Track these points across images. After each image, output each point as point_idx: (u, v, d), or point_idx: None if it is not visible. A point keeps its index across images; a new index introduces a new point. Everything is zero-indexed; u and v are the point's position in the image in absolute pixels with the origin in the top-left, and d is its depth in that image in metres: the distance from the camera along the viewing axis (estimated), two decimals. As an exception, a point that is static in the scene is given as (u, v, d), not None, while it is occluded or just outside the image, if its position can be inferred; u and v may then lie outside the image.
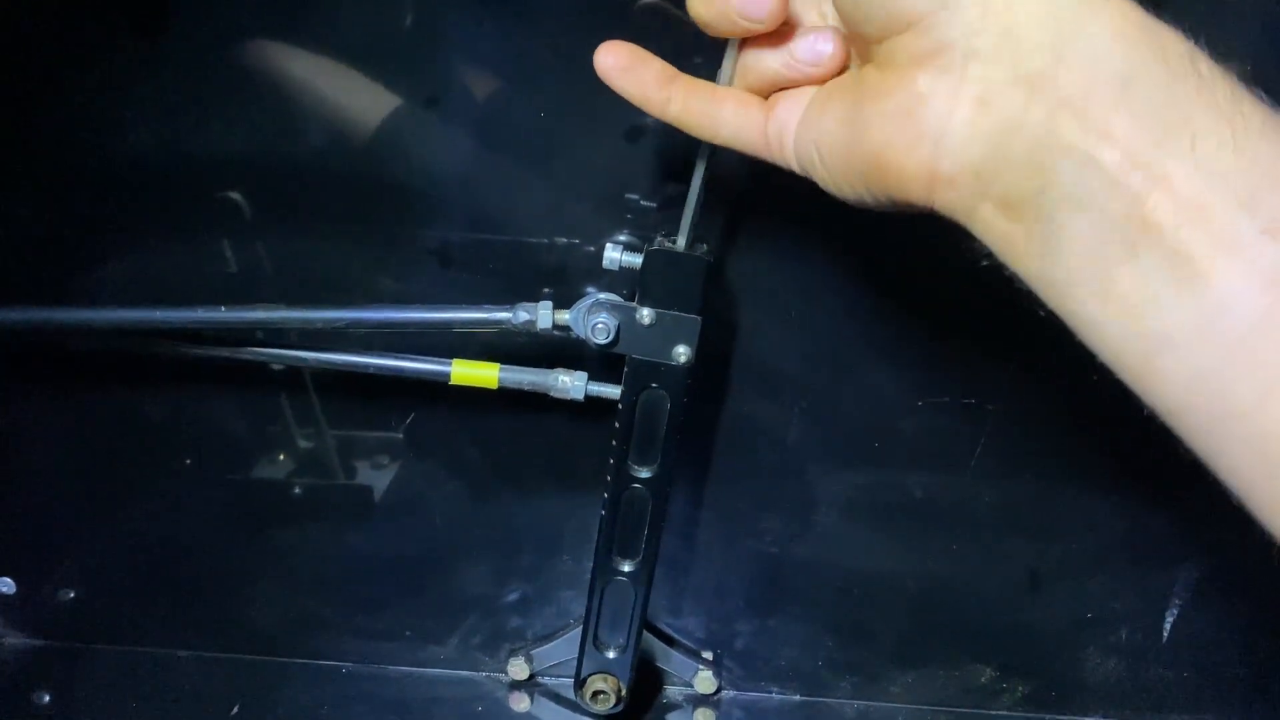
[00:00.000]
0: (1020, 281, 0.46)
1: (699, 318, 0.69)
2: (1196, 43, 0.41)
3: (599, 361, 0.76)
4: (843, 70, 0.50)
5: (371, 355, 0.76)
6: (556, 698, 0.95)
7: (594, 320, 0.69)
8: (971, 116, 0.42)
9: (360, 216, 0.76)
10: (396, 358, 0.76)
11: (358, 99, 0.71)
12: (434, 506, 0.90)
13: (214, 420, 0.85)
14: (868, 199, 0.50)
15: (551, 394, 0.75)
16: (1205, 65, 0.40)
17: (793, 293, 0.78)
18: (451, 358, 0.75)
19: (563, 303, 0.70)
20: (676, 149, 0.71)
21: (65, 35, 0.68)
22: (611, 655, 0.86)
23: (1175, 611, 0.89)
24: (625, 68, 0.55)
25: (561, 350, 0.79)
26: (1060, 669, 0.93)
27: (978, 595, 0.90)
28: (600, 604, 0.83)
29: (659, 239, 0.68)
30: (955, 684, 0.95)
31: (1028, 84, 0.40)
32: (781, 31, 0.51)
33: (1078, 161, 0.40)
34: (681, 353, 0.70)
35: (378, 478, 0.89)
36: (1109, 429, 0.81)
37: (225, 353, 0.76)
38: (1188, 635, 0.90)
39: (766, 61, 0.52)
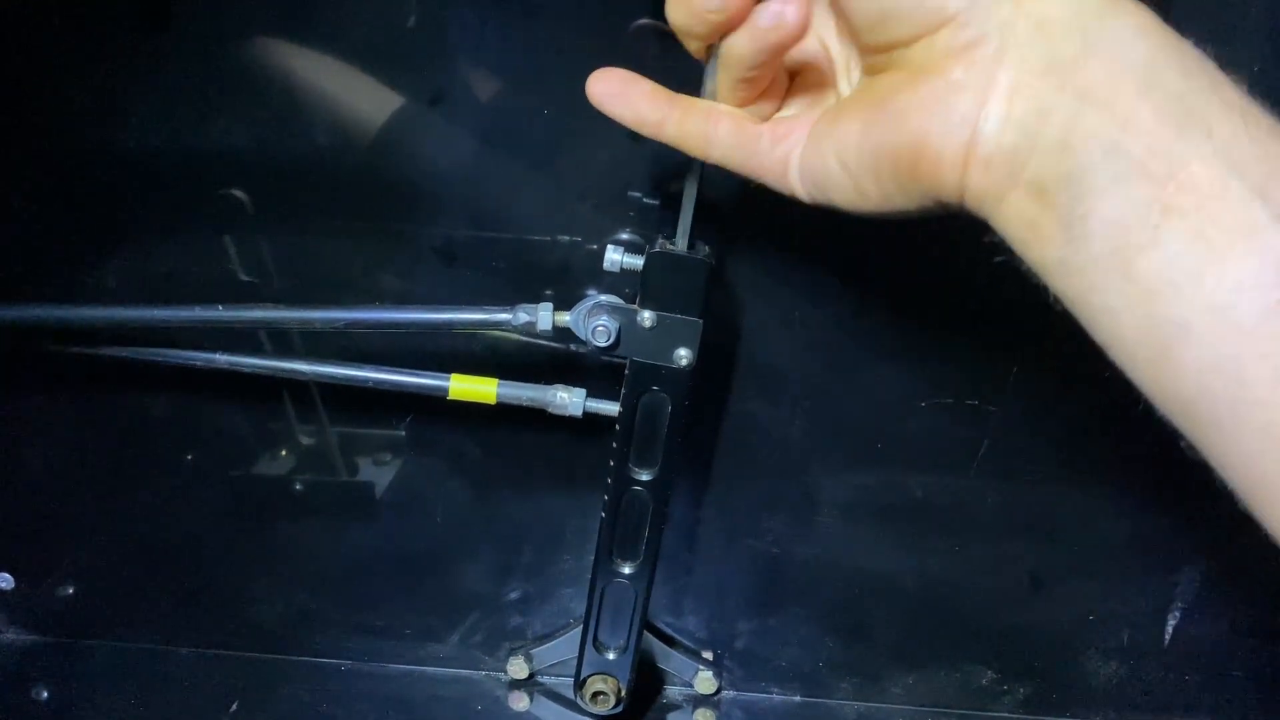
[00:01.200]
0: (1032, 277, 0.48)
1: (700, 320, 0.68)
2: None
3: (599, 370, 0.77)
4: (803, 36, 0.50)
5: (369, 368, 0.75)
6: (556, 697, 0.94)
7: (594, 323, 0.69)
8: (1006, 104, 0.44)
9: (363, 214, 0.76)
10: (395, 371, 0.75)
11: (361, 96, 0.71)
12: (435, 504, 0.89)
13: (215, 416, 0.85)
14: (897, 198, 0.50)
15: (550, 410, 0.75)
16: (1215, 66, 0.42)
17: (794, 294, 0.77)
18: (451, 371, 0.75)
19: (566, 303, 0.70)
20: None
21: (68, 29, 0.68)
22: (611, 656, 0.85)
23: (1177, 613, 0.89)
24: (617, 94, 0.55)
25: (564, 355, 0.79)
26: (1061, 671, 0.93)
27: (979, 596, 0.90)
28: (600, 605, 0.83)
29: (660, 240, 0.68)
30: (956, 685, 0.95)
31: (1058, 73, 0.42)
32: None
33: (1105, 147, 0.41)
34: (683, 355, 0.69)
35: (379, 474, 0.88)
36: (1112, 430, 0.81)
37: (225, 363, 0.75)
38: (1190, 637, 0.90)
39: (738, 50, 0.52)
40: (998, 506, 0.85)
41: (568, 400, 0.75)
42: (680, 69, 0.57)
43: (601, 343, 0.69)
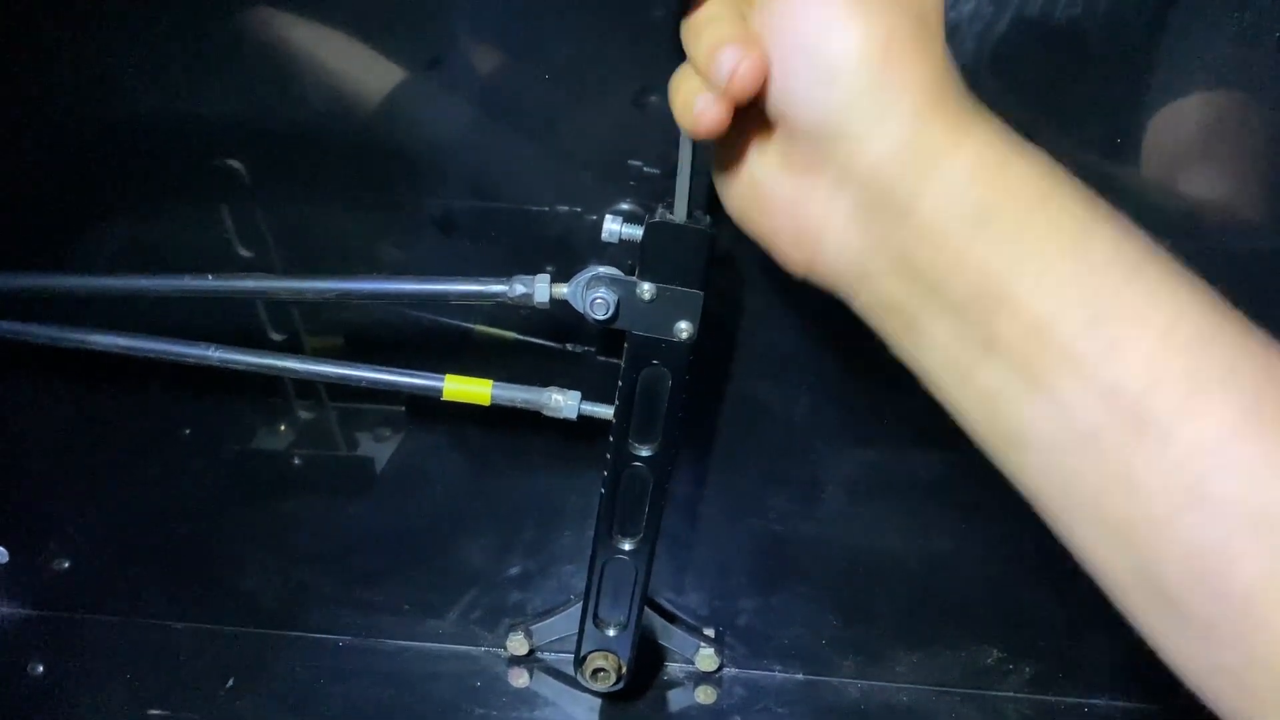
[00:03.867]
0: None
1: (701, 292, 0.67)
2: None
3: (596, 369, 0.77)
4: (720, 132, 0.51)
5: (364, 367, 0.74)
6: (556, 674, 0.94)
7: (593, 295, 0.67)
8: (844, 228, 0.48)
9: (361, 183, 0.74)
10: (388, 371, 0.74)
11: (358, 64, 0.70)
12: (435, 479, 0.89)
13: (213, 390, 0.84)
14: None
15: (544, 412, 0.74)
16: (1060, 197, 0.45)
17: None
18: (446, 368, 0.74)
19: (566, 274, 0.69)
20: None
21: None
22: (612, 633, 0.85)
23: (1185, 593, 0.88)
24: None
25: (565, 326, 0.78)
26: (1068, 649, 0.92)
27: (984, 574, 0.89)
28: (600, 582, 0.82)
29: (660, 210, 0.66)
30: (961, 664, 0.94)
31: (893, 212, 0.46)
32: None
33: (932, 285, 0.46)
34: (683, 328, 0.68)
35: (379, 450, 0.88)
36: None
37: (216, 358, 0.74)
38: (1197, 618, 0.89)
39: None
40: (1003, 483, 0.84)
41: (562, 403, 0.74)
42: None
43: (600, 315, 0.67)
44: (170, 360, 0.74)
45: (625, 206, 0.73)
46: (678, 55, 0.53)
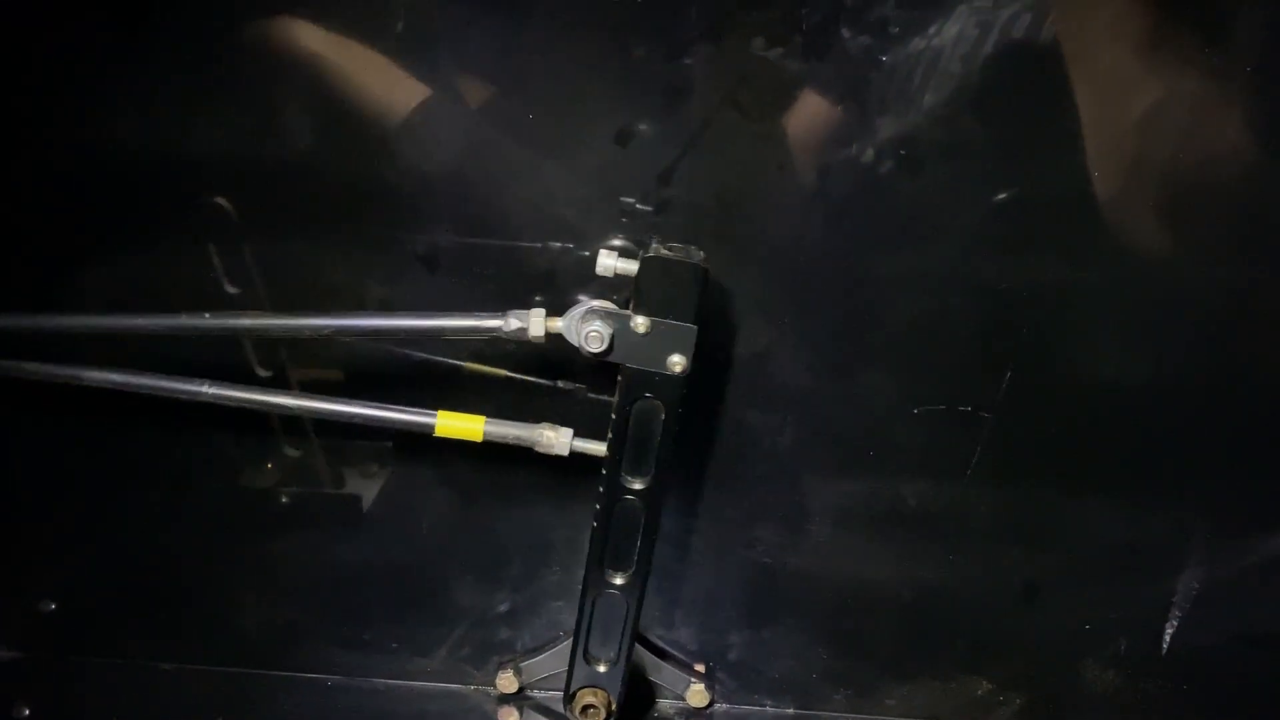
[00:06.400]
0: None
1: (695, 326, 0.67)
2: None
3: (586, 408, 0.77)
4: None
5: (356, 404, 0.74)
6: (546, 711, 0.93)
7: (587, 328, 0.68)
8: None
9: (347, 220, 0.75)
10: (380, 408, 0.74)
11: (346, 100, 0.71)
12: (423, 516, 0.88)
13: (199, 429, 0.84)
14: None
15: (537, 449, 0.74)
16: None
17: (786, 300, 0.77)
18: (438, 405, 0.74)
19: (554, 309, 0.69)
20: (667, 152, 0.70)
21: (43, 31, 0.68)
22: (602, 669, 0.84)
23: (1174, 623, 0.88)
24: None
25: (553, 362, 0.78)
26: (1057, 681, 0.92)
27: (974, 606, 0.89)
28: (591, 617, 0.82)
29: (654, 245, 0.67)
30: (951, 696, 0.94)
31: None
32: None
33: None
34: (677, 362, 0.68)
35: (366, 487, 0.87)
36: (1107, 437, 0.80)
37: (210, 395, 0.74)
38: (1187, 647, 0.89)
39: None
40: (992, 514, 0.85)
41: (554, 439, 0.74)
42: (668, 71, 0.56)
43: (594, 348, 0.68)
44: (164, 396, 0.74)
45: (616, 243, 0.74)
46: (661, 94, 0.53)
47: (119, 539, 0.90)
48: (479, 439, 0.74)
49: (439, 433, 0.74)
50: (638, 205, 0.73)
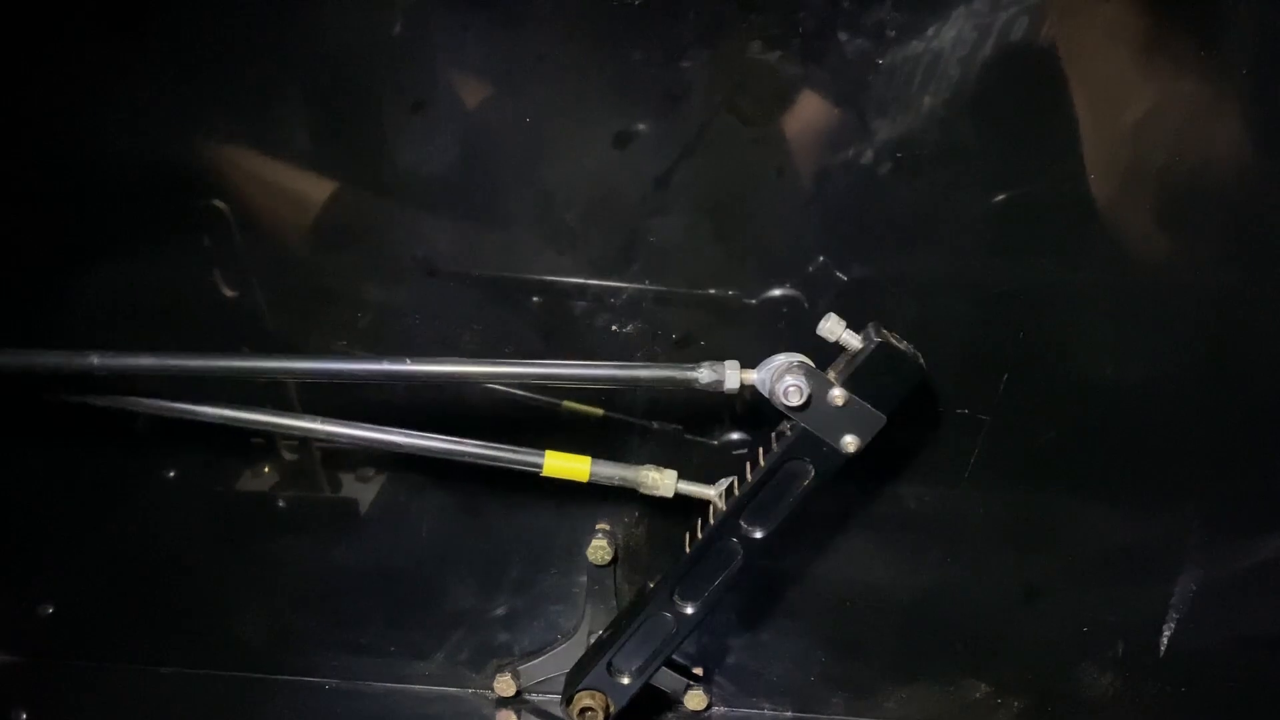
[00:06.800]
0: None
1: (885, 418, 0.69)
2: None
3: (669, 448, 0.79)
4: None
5: (469, 444, 0.75)
6: (545, 714, 0.93)
7: (788, 381, 0.69)
8: None
9: (346, 227, 0.75)
10: (490, 447, 0.75)
11: (342, 108, 0.71)
12: (420, 519, 0.88)
13: (197, 431, 0.84)
14: None
15: (641, 490, 0.76)
16: None
17: (784, 303, 0.77)
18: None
19: (555, 322, 0.70)
20: (665, 155, 0.71)
21: (39, 37, 0.68)
22: (624, 681, 0.84)
23: (1172, 625, 0.88)
24: None
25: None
26: (1056, 684, 0.92)
27: (972, 609, 0.89)
28: (635, 632, 0.81)
29: (883, 331, 0.69)
30: (949, 700, 0.94)
31: None
32: None
33: None
34: (851, 442, 0.70)
35: (363, 490, 0.88)
36: (1104, 440, 0.80)
37: (324, 431, 0.76)
38: (1185, 649, 0.89)
39: None
40: (990, 517, 0.85)
41: (659, 481, 0.75)
42: (665, 78, 0.57)
43: (793, 402, 0.69)
44: (279, 433, 0.77)
45: (781, 291, 0.75)
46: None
47: (117, 544, 0.90)
48: (585, 479, 0.75)
49: (547, 472, 0.75)
50: (636, 210, 0.73)
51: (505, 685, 0.92)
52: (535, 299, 0.76)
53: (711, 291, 0.76)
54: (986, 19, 0.65)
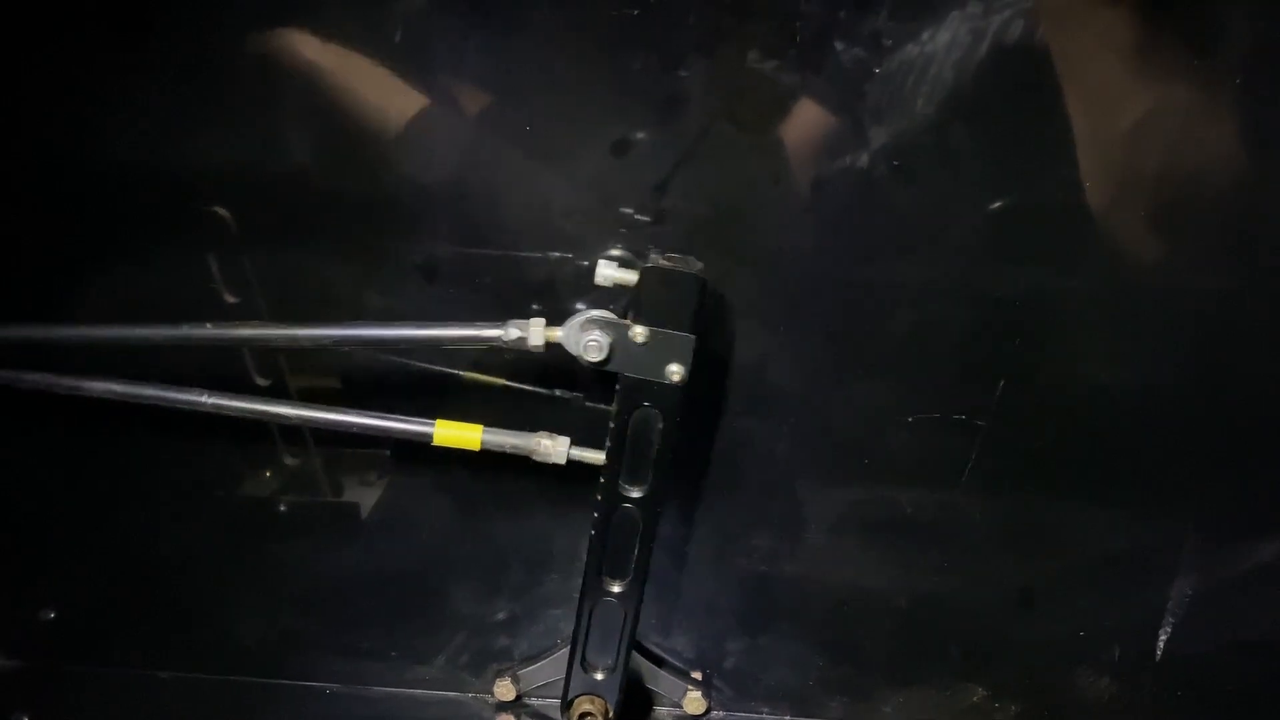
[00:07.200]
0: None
1: (693, 336, 0.68)
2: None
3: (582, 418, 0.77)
4: None
5: (354, 413, 0.75)
6: (544, 719, 0.93)
7: (586, 338, 0.68)
8: None
9: (346, 230, 0.75)
10: (379, 417, 0.75)
11: (343, 110, 0.71)
12: (421, 524, 0.89)
13: (198, 438, 0.84)
14: None
15: (534, 457, 0.75)
16: None
17: (782, 309, 0.77)
18: (436, 414, 0.75)
19: (553, 318, 0.70)
20: (663, 162, 0.71)
21: (43, 41, 0.68)
22: (600, 677, 0.84)
23: (1168, 630, 0.88)
24: None
25: (551, 371, 0.78)
26: (1052, 688, 0.92)
27: (969, 613, 0.89)
28: (589, 625, 0.82)
29: (653, 255, 0.67)
30: (947, 703, 0.94)
31: None
32: None
33: None
34: (675, 371, 0.69)
35: (365, 495, 0.88)
36: (1101, 444, 0.81)
37: (210, 404, 0.74)
38: (1181, 653, 0.89)
39: None
40: (987, 521, 0.85)
41: (551, 448, 0.74)
42: (664, 83, 0.57)
43: (594, 357, 0.68)
44: (165, 406, 0.74)
45: (615, 253, 0.74)
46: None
47: (118, 548, 0.90)
48: (477, 448, 0.74)
49: (437, 442, 0.74)
50: (635, 215, 0.73)
51: (505, 690, 0.92)
52: (534, 305, 0.76)
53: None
54: (980, 24, 0.66)
